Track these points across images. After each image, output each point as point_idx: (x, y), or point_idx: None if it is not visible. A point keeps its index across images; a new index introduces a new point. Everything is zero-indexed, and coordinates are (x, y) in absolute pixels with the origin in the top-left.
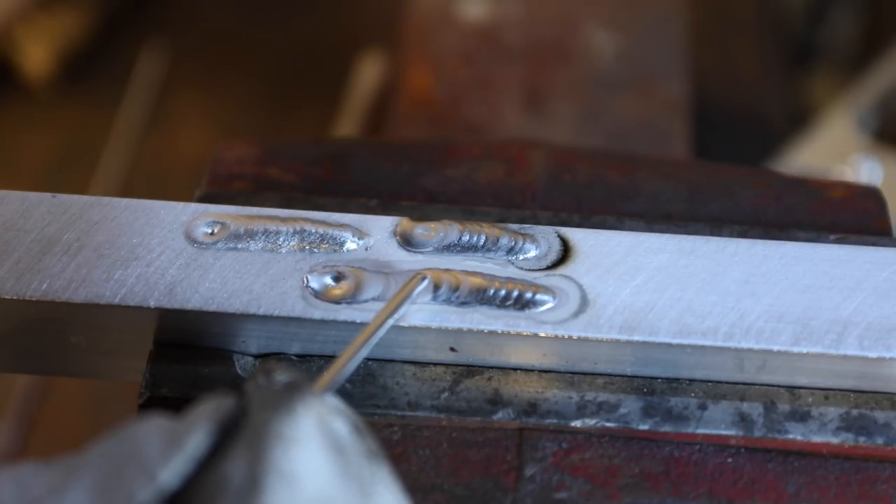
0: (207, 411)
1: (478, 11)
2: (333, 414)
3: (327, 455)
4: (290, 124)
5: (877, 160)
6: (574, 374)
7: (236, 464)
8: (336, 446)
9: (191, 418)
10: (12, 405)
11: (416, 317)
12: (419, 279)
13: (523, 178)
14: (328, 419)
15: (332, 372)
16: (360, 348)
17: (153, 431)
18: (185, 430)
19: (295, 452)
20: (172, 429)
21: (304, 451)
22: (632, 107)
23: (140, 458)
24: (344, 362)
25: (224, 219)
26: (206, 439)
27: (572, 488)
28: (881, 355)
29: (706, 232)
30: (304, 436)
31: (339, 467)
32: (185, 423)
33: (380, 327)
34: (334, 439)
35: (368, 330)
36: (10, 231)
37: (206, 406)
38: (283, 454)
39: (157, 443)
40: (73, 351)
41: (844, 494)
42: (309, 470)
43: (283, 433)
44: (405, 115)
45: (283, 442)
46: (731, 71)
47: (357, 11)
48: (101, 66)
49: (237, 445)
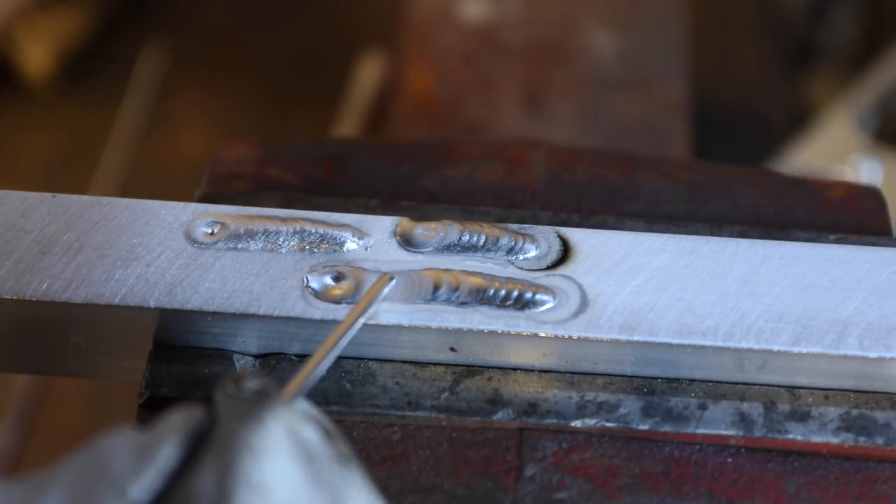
0: (177, 423)
1: (478, 11)
2: (303, 421)
3: (297, 463)
4: (290, 124)
5: (877, 160)
6: (574, 374)
7: (206, 476)
8: (306, 454)
9: (160, 430)
10: (12, 405)
11: (416, 317)
12: (387, 280)
13: (523, 178)
14: (297, 427)
15: (301, 377)
16: (330, 351)
17: (123, 445)
18: (155, 444)
19: (264, 463)
20: (142, 442)
21: (274, 462)
22: (632, 107)
23: (110, 473)
24: (313, 366)
25: (224, 219)
26: (176, 452)
27: (572, 488)
28: (881, 355)
29: (706, 232)
30: (273, 446)
31: (310, 475)
32: (154, 436)
33: (349, 329)
34: (304, 447)
35: (338, 332)
36: (10, 231)
37: (175, 417)
38: (252, 465)
39: (127, 457)
40: (73, 351)
41: (844, 494)
42: (279, 480)
43: (252, 444)
44: (405, 115)
45: (252, 453)
46: (731, 71)
47: (357, 11)
48: (101, 66)
49: (207, 457)
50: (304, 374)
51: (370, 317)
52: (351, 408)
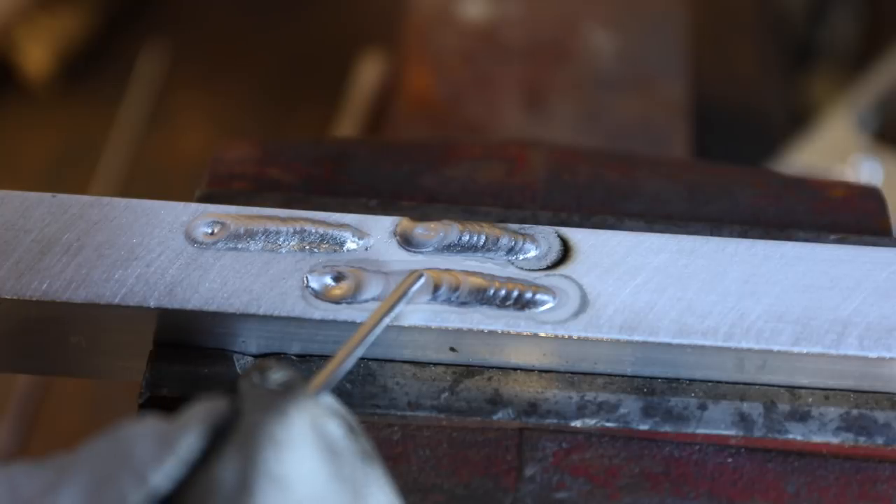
0: (200, 413)
1: (478, 11)
2: (327, 415)
3: (320, 457)
4: (290, 124)
5: (877, 160)
6: (574, 374)
7: (228, 467)
8: (329, 448)
9: (183, 420)
10: (12, 405)
11: (417, 317)
12: (416, 277)
13: (523, 178)
14: (321, 421)
15: (327, 371)
16: (357, 347)
17: (146, 433)
18: (178, 433)
19: (286, 456)
20: (165, 430)
21: (296, 455)
22: (632, 107)
23: (132, 460)
24: (340, 361)
25: (224, 219)
26: (198, 442)
27: (572, 488)
28: (881, 355)
29: (706, 232)
30: (296, 439)
31: (332, 469)
32: (177, 425)
33: (376, 326)
34: (327, 441)
35: (365, 328)
36: (10, 231)
37: (199, 407)
38: (274, 458)
39: (150, 445)
40: (73, 351)
41: (844, 494)
42: (301, 473)
43: (275, 436)
44: (405, 115)
45: (274, 445)
46: (731, 71)
47: (357, 11)
48: (101, 66)
49: (229, 448)
50: (331, 368)
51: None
52: (351, 408)
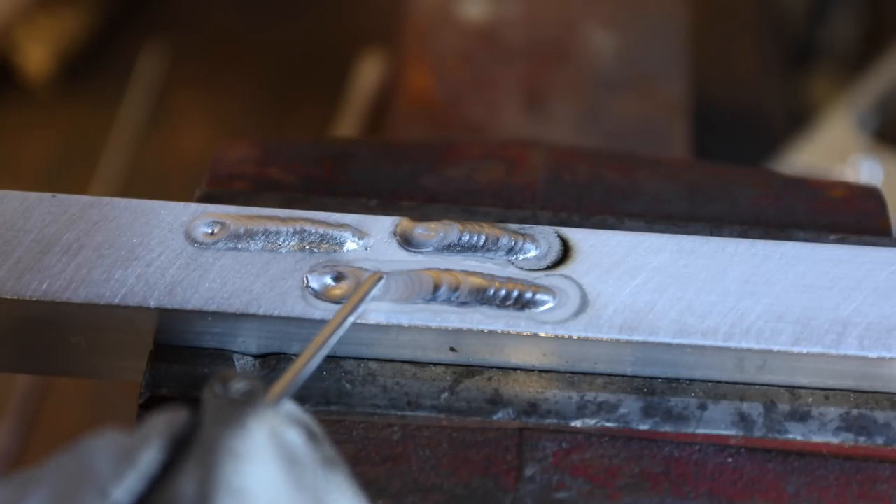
0: (160, 425)
1: (478, 11)
2: (286, 424)
3: (280, 467)
4: (290, 124)
5: (877, 160)
6: (574, 374)
7: (188, 480)
8: (289, 458)
9: (144, 433)
10: (12, 405)
11: (417, 317)
12: (375, 279)
13: (523, 178)
14: (280, 430)
15: (286, 378)
16: (317, 351)
17: (107, 447)
18: (138, 446)
19: (246, 468)
20: (126, 444)
21: (256, 466)
22: (632, 107)
23: (93, 476)
24: (300, 367)
25: (224, 219)
26: (159, 455)
27: (572, 488)
28: (881, 355)
29: (706, 232)
30: (255, 451)
31: (292, 479)
32: (138, 439)
33: (336, 329)
34: (287, 451)
35: (325, 332)
36: (10, 231)
37: (159, 420)
38: (233, 470)
39: (111, 459)
40: (73, 351)
41: (844, 494)
42: (261, 485)
43: (234, 449)
44: (405, 115)
45: (233, 458)
46: (731, 71)
47: (357, 11)
48: (101, 66)
49: (189, 461)
50: (290, 375)
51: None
52: (351, 408)
